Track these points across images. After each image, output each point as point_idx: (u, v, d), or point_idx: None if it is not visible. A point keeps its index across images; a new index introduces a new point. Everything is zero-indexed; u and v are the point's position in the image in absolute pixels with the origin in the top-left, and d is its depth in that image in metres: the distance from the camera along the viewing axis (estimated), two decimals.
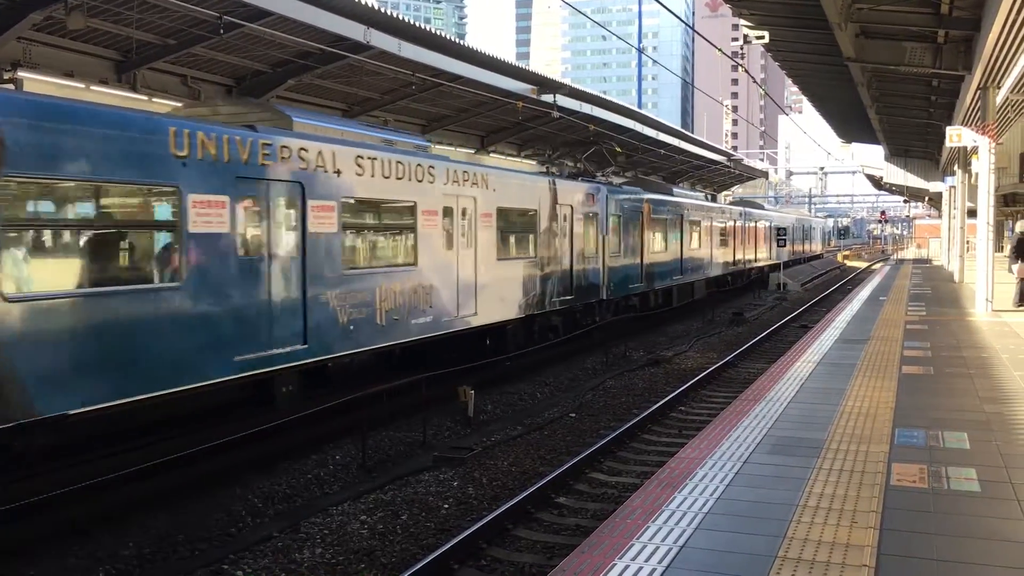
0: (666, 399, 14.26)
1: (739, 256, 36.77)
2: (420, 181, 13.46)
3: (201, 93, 16.85)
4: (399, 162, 12.98)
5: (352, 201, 12.05)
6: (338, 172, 11.64)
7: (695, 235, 29.58)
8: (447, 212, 14.21)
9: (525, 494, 9.24)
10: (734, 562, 5.02)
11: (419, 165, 13.45)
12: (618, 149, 27.66)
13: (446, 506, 9.49)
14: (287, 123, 11.52)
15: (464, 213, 14.73)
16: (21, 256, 7.94)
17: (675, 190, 29.01)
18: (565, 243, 18.73)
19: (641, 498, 6.20)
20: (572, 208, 19.04)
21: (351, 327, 11.80)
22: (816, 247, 67.08)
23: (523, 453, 11.61)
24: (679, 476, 6.69)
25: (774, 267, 44.28)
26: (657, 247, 25.26)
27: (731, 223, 35.27)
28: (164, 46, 15.09)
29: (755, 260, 40.48)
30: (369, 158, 12.30)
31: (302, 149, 11.01)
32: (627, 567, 4.96)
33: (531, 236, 17.38)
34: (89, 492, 8.98)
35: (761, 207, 46.82)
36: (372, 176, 12.34)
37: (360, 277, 12.10)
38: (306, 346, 10.98)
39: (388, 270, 12.79)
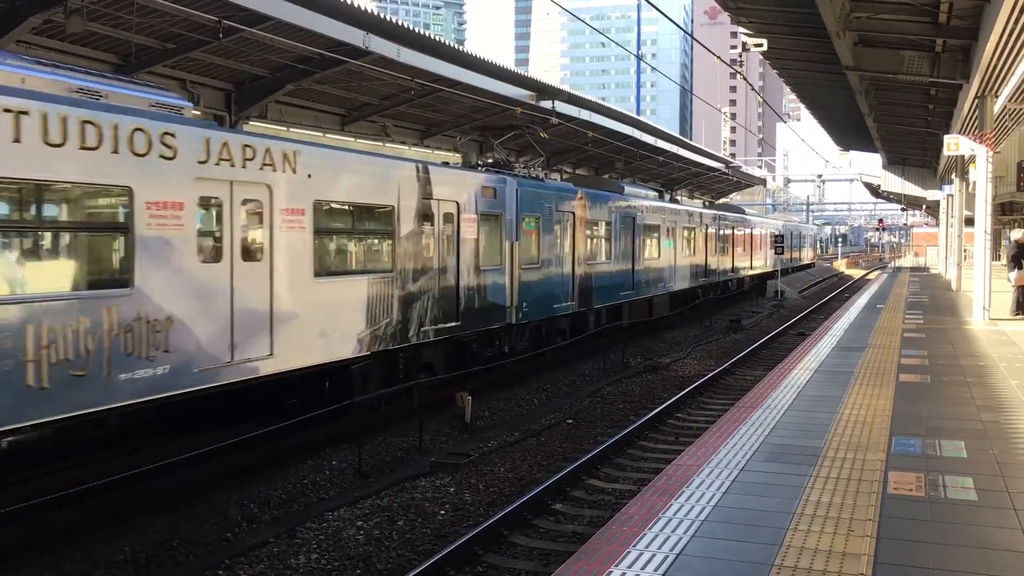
0: (663, 406, 14.24)
1: (714, 266, 32.58)
2: (144, 155, 8.92)
3: (200, 98, 16.87)
4: (90, 122, 8.40)
5: None
6: None
7: (653, 242, 24.98)
8: (208, 205, 9.84)
9: (522, 500, 9.22)
10: (731, 570, 5.01)
11: (141, 130, 8.88)
12: (543, 135, 22.35)
13: (442, 512, 9.47)
14: None
15: (250, 208, 10.39)
16: None
17: (628, 188, 24.17)
18: (446, 252, 14.30)
19: (638, 505, 6.19)
20: (459, 206, 14.61)
21: None
22: (806, 255, 62.66)
23: (520, 459, 11.59)
24: (676, 483, 6.68)
25: (760, 278, 41.84)
26: (597, 256, 20.70)
27: (703, 229, 30.90)
28: (163, 50, 15.11)
29: (733, 270, 36.31)
30: (7, 110, 7.73)
31: None
32: (624, 574, 4.95)
33: (385, 243, 12.95)
34: (84, 496, 8.95)
35: (742, 211, 41.50)
36: (17, 142, 7.81)
37: None
38: None
39: (57, 297, 8.14)
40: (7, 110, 7.71)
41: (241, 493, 9.88)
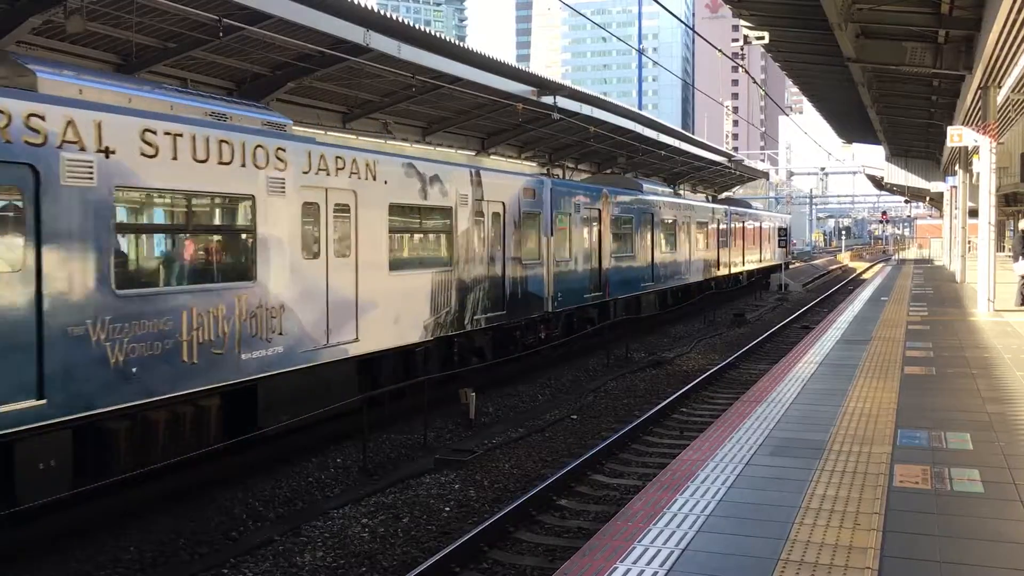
0: (667, 401, 14.22)
1: (527, 284, 16.75)
2: None
3: None
4: None
5: None
6: None
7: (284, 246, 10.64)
8: None
9: (527, 496, 9.21)
10: (736, 565, 4.99)
11: None
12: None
13: (447, 509, 9.47)
14: None
15: None
16: None
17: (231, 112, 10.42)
18: None
19: (642, 500, 6.18)
20: None
21: None
22: (766, 255, 42.46)
23: (524, 455, 11.58)
24: (681, 478, 6.67)
25: (687, 293, 28.48)
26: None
27: (488, 210, 15.26)
28: (164, 49, 15.09)
29: (595, 289, 20.22)
30: None
31: None
32: (628, 570, 4.94)
33: None
34: (89, 495, 8.95)
35: (639, 186, 24.70)
36: None
37: None
38: None
39: None
40: None
41: (246, 491, 9.88)
